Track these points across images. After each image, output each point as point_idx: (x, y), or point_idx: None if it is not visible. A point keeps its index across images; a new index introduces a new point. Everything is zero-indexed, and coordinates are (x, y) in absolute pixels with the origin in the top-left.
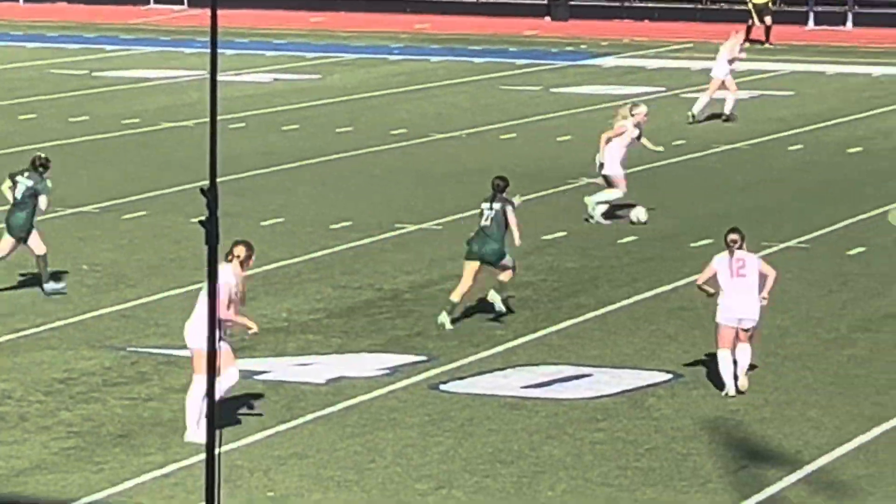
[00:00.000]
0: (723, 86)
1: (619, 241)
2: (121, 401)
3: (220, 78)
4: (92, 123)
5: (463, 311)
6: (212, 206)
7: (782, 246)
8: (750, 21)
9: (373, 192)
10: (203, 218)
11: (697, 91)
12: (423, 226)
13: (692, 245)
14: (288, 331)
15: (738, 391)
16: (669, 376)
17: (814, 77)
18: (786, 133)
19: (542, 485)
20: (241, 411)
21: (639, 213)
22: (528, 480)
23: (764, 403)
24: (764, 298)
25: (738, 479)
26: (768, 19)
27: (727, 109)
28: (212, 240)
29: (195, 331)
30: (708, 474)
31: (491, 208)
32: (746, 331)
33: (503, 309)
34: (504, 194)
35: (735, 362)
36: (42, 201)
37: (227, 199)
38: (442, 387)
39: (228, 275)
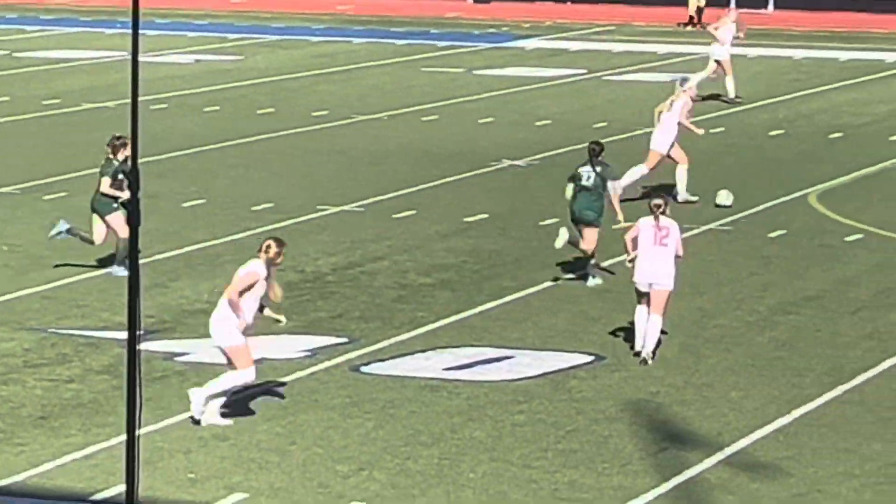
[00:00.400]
0: (719, 66)
1: (540, 223)
2: (41, 382)
3: (141, 59)
4: (12, 104)
5: (387, 296)
6: (133, 187)
7: (704, 228)
8: (698, 3)
9: (294, 173)
10: (125, 199)
11: (620, 73)
12: (345, 208)
13: (614, 227)
14: (209, 312)
15: (644, 358)
16: (591, 358)
17: (736, 60)
18: (708, 116)
19: (464, 466)
20: (263, 397)
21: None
22: (449, 462)
23: (685, 385)
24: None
25: (659, 461)
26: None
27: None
28: (134, 220)
29: (221, 326)
30: (629, 456)
31: (591, 171)
32: (660, 293)
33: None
34: (600, 158)
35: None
36: (103, 183)
37: (149, 180)
38: (363, 369)
39: (260, 267)
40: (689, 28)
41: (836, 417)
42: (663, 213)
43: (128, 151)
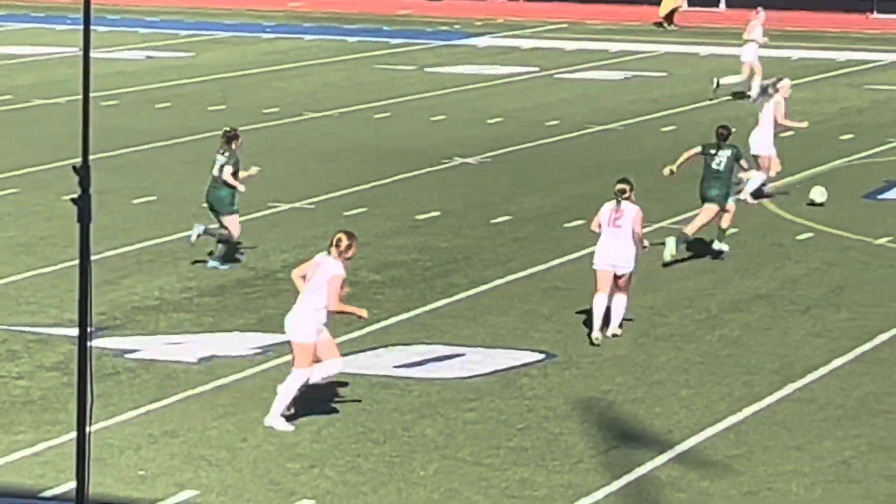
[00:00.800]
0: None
1: (492, 221)
2: None
3: (92, 55)
4: None
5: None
6: (84, 183)
7: (656, 226)
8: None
9: (246, 170)
10: (75, 195)
11: (573, 71)
12: (296, 205)
13: (566, 225)
14: (160, 309)
15: (611, 335)
16: (542, 356)
17: (687, 58)
18: (659, 114)
19: (415, 464)
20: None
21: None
22: (400, 460)
23: (635, 383)
24: (644, 247)
25: (609, 459)
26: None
27: (754, 93)
28: (84, 217)
29: (298, 324)
30: (580, 454)
31: (719, 154)
32: (621, 277)
33: (724, 249)
34: (727, 142)
35: (610, 310)
36: (225, 171)
37: (100, 176)
38: None
39: (339, 267)
40: (659, 27)
41: (786, 415)
42: (627, 198)
43: (238, 142)
